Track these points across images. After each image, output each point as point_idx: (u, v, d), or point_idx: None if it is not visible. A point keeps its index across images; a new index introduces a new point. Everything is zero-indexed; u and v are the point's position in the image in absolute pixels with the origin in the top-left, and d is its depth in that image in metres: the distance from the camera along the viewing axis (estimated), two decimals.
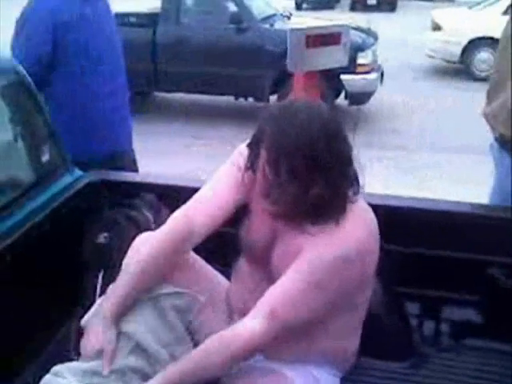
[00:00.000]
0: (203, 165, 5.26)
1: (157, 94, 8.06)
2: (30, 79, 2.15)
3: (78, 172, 2.26)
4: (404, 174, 5.42)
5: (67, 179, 2.20)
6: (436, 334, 2.07)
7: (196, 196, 1.61)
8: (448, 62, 9.44)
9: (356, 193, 1.46)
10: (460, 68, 9.31)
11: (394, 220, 1.95)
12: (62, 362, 1.97)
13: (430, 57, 9.75)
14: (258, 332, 1.39)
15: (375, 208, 1.53)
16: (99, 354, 1.52)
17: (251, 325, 1.40)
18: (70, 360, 1.95)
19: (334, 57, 5.69)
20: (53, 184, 2.15)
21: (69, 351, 2.01)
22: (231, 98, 7.34)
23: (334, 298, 1.44)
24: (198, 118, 7.30)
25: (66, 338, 2.07)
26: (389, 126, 7.02)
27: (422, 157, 5.91)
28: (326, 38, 5.58)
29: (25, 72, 2.14)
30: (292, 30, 5.74)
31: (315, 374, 1.59)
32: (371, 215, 1.51)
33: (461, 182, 4.87)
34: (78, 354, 1.98)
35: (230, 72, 6.83)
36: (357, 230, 1.43)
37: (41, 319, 1.98)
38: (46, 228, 2.00)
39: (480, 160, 3.06)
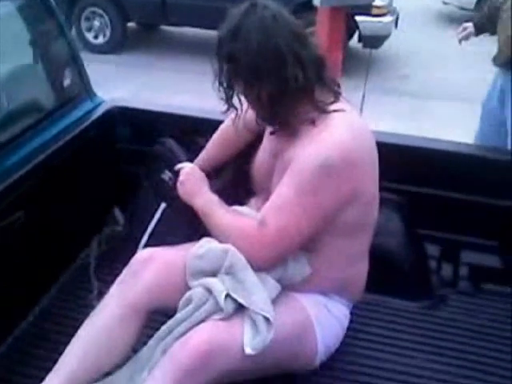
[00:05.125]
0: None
1: (163, 28, 7.90)
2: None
3: (98, 98, 2.21)
4: (410, 120, 5.34)
5: (88, 105, 2.16)
6: (455, 278, 2.08)
7: None
8: (462, 9, 9.20)
9: (335, 98, 1.46)
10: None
11: (407, 159, 1.95)
12: None
13: (445, 3, 9.52)
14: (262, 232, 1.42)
15: (385, 146, 1.50)
16: None
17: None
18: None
19: None
20: (73, 110, 2.11)
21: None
22: None
23: (324, 207, 1.42)
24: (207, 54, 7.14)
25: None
26: (400, 72, 6.90)
27: (426, 104, 5.84)
28: None
29: None
30: None
31: (326, 303, 1.59)
32: (356, 120, 1.47)
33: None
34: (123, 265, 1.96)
35: None
36: (340, 135, 1.40)
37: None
38: (66, 155, 1.97)
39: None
